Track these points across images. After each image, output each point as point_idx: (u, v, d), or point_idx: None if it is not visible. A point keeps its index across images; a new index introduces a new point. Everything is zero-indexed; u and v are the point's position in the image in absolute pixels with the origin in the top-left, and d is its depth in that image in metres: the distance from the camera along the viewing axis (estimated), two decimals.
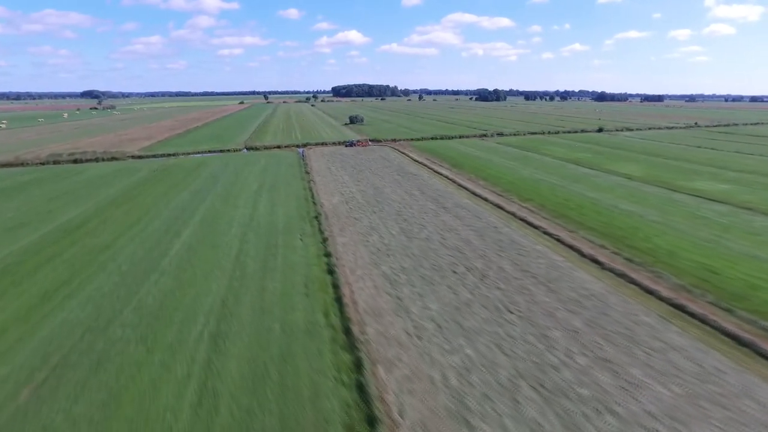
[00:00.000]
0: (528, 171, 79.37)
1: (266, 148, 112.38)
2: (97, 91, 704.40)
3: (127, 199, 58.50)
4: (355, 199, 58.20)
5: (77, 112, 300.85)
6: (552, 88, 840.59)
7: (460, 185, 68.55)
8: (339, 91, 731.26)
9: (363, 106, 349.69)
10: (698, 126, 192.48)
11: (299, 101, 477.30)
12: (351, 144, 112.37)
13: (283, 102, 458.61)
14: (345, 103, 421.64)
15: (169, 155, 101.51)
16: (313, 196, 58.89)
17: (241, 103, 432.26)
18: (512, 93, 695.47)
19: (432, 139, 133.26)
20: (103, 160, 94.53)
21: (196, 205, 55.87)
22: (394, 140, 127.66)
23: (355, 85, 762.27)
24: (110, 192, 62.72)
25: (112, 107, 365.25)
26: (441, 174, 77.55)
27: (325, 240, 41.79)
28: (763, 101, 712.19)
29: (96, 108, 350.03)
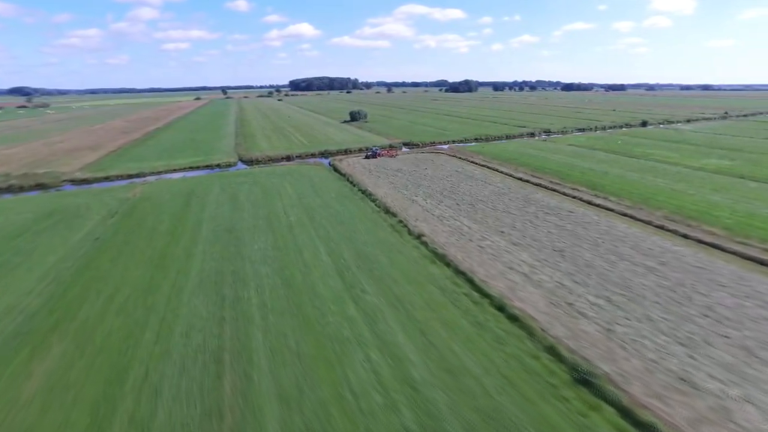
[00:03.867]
0: (687, 187, 54.25)
1: (271, 160, 79.52)
2: (29, 87, 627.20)
3: (58, 333, 25.77)
4: (578, 306, 28.50)
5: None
6: (501, 79, 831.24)
7: (641, 222, 40.72)
8: (299, 85, 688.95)
9: (338, 100, 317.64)
10: (729, 116, 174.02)
11: (261, 96, 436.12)
12: (374, 154, 79.81)
13: (244, 97, 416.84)
14: (313, 97, 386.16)
15: (131, 177, 66.81)
16: (502, 307, 28.03)
17: (197, 99, 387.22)
18: (481, 84, 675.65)
19: (476, 140, 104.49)
20: (22, 189, 59.38)
21: (233, 351, 24.19)
22: (433, 143, 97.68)
23: (316, 78, 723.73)
24: (8, 302, 29.40)
25: (45, 105, 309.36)
26: (582, 200, 50.43)
27: None
28: (713, 89, 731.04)
29: (25, 106, 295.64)
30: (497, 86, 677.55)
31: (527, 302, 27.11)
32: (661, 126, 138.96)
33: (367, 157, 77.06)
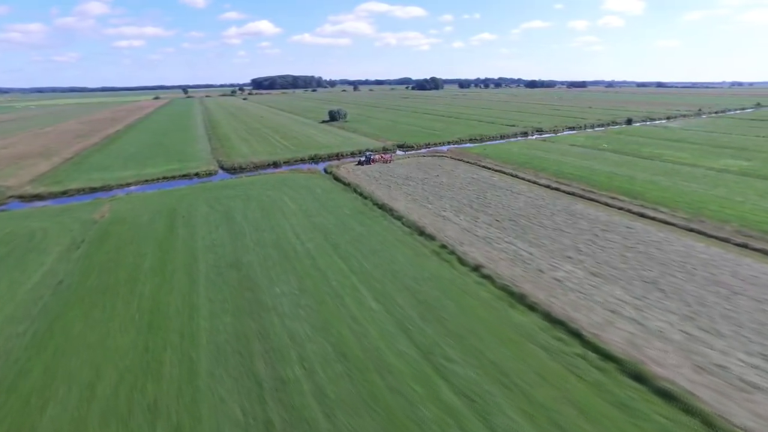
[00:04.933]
0: (728, 193, 51.14)
1: (256, 167, 70.50)
2: None
3: None
4: None
5: None
6: (463, 77, 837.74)
7: (714, 239, 36.33)
8: (261, 84, 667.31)
9: (306, 99, 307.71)
10: (703, 112, 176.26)
11: (224, 95, 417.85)
12: (368, 160, 71.22)
13: (206, 96, 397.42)
14: (278, 96, 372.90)
15: (95, 191, 56.47)
16: None
17: (156, 98, 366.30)
18: (446, 81, 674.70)
19: (471, 141, 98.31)
20: None
21: None
22: (428, 145, 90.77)
23: (279, 77, 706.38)
24: None
25: None
26: (631, 212, 45.26)
27: None
28: (666, 86, 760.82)
29: None
30: (462, 84, 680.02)
31: (667, 367, 20.58)
32: (648, 123, 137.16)
33: (360, 164, 68.73)
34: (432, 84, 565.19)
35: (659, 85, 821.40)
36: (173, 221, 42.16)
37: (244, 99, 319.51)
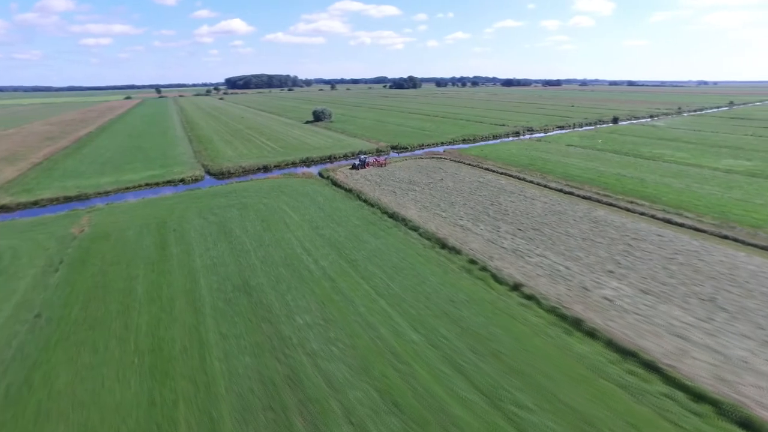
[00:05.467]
0: (745, 195, 46.42)
1: (246, 172, 66.18)
2: None
3: None
4: None
5: None
6: (438, 75, 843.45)
7: (757, 248, 33.20)
8: (236, 83, 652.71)
9: (283, 98, 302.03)
10: (683, 111, 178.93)
11: (198, 95, 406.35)
12: (363, 164, 66.79)
13: (180, 96, 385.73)
14: (255, 96, 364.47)
15: (70, 200, 51.38)
16: None
17: (128, 98, 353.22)
18: (423, 80, 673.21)
19: (464, 141, 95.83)
20: None
21: None
22: (422, 146, 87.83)
23: (254, 76, 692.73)
24: None
25: None
26: (656, 218, 43.59)
27: None
28: (637, 85, 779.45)
29: None
30: (439, 82, 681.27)
31: None
32: (634, 122, 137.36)
33: (354, 167, 64.85)
34: (410, 83, 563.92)
35: (630, 83, 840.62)
36: (164, 236, 37.73)
37: (221, 99, 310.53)
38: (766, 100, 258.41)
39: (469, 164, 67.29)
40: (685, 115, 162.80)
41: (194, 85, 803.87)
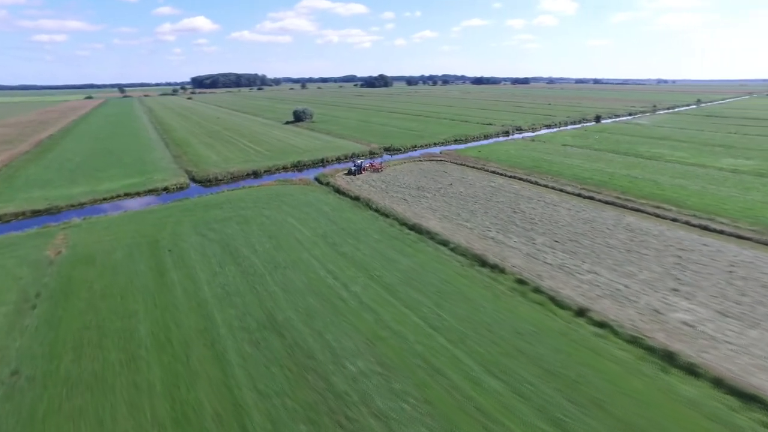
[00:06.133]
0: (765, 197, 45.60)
1: (234, 178, 61.10)
2: None
3: None
4: None
5: None
6: (407, 74, 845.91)
7: None
8: (202, 82, 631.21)
9: (255, 98, 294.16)
10: (657, 109, 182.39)
11: (164, 94, 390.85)
12: (359, 169, 61.86)
13: (145, 95, 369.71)
14: (224, 95, 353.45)
15: (39, 214, 45.53)
16: None
17: (89, 98, 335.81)
18: (394, 79, 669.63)
19: (456, 141, 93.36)
20: None
21: None
22: (414, 148, 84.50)
23: (221, 75, 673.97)
24: None
25: None
26: (691, 224, 41.64)
27: None
28: (602, 83, 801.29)
29: None
30: (410, 81, 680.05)
31: None
32: (615, 120, 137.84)
33: (350, 173, 60.40)
34: (381, 81, 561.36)
35: (596, 81, 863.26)
36: (159, 258, 32.68)
37: (189, 98, 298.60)
38: (728, 98, 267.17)
39: (473, 167, 64.13)
40: (661, 113, 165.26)
41: (158, 85, 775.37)
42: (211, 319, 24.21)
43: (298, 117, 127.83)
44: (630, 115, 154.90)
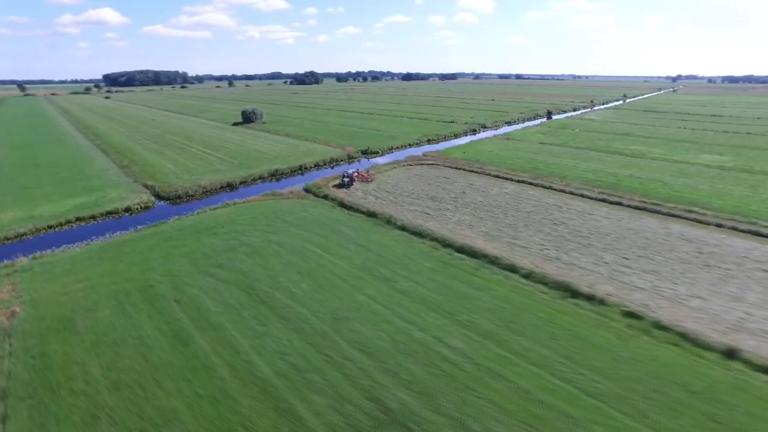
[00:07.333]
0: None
1: (206, 192, 52.37)
2: None
3: None
4: None
5: None
6: (332, 70, 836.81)
7: None
8: (116, 80, 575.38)
9: (183, 96, 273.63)
10: (595, 104, 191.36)
11: (75, 93, 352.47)
12: (350, 180, 53.93)
13: (52, 94, 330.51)
14: (146, 94, 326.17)
15: None
16: None
17: None
18: (323, 76, 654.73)
19: (428, 142, 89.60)
20: None
21: None
22: (390, 150, 79.40)
23: (138, 72, 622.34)
24: None
25: None
26: (726, 227, 40.77)
27: None
28: (524, 78, 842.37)
29: None
30: (340, 77, 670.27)
31: None
32: (564, 116, 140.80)
33: (341, 186, 53.51)
34: (312, 78, 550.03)
35: (518, 77, 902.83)
36: (166, 313, 24.70)
37: (107, 98, 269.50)
38: (646, 94, 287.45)
39: (472, 171, 60.17)
40: (600, 108, 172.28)
41: (63, 82, 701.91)
42: (295, 414, 17.29)
43: (248, 118, 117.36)
44: (575, 110, 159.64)
